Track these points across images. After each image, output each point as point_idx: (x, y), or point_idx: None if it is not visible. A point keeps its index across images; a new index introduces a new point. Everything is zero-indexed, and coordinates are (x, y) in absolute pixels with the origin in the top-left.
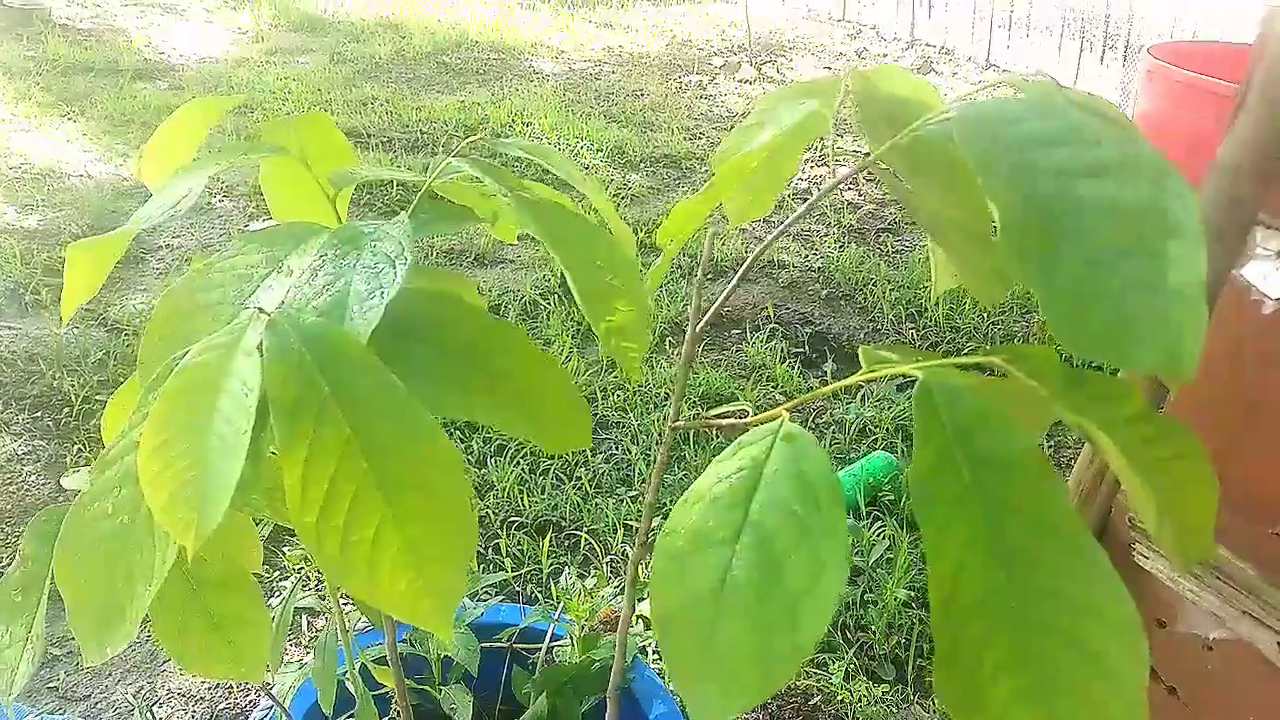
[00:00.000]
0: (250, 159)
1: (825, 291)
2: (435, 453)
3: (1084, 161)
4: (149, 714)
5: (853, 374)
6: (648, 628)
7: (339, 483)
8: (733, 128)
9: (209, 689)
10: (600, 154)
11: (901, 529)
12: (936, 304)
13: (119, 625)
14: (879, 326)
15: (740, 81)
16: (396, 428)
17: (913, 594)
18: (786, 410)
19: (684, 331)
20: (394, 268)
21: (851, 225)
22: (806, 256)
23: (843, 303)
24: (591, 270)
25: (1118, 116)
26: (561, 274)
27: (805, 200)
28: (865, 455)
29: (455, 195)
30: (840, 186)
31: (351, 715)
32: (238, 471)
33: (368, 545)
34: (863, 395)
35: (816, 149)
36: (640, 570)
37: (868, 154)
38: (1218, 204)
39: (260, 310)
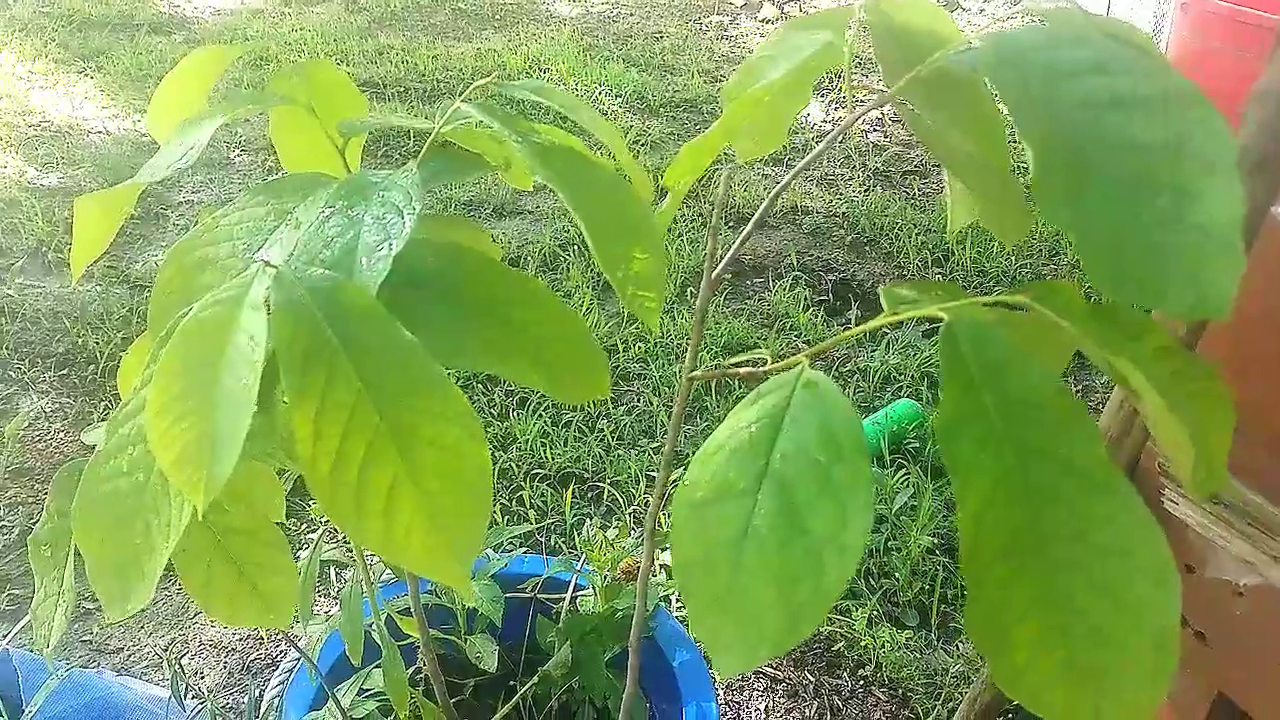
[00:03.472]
0: (257, 108)
1: (850, 237)
2: (448, 405)
3: (1114, 93)
4: (177, 666)
5: (890, 315)
6: (669, 577)
7: (351, 437)
8: None
9: (240, 640)
10: (619, 99)
11: (925, 476)
12: (964, 248)
13: (139, 582)
14: (905, 272)
15: (762, 21)
16: (408, 381)
17: (936, 541)
18: (807, 358)
19: (717, 277)
20: (402, 218)
21: (877, 168)
22: (831, 202)
23: (868, 248)
24: (606, 217)
25: (1148, 45)
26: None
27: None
28: (890, 403)
29: (468, 142)
30: (866, 129)
31: (378, 665)
32: (245, 426)
33: (382, 499)
34: (887, 342)
35: (840, 89)
36: (660, 521)
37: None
38: (1258, 136)
39: (267, 264)
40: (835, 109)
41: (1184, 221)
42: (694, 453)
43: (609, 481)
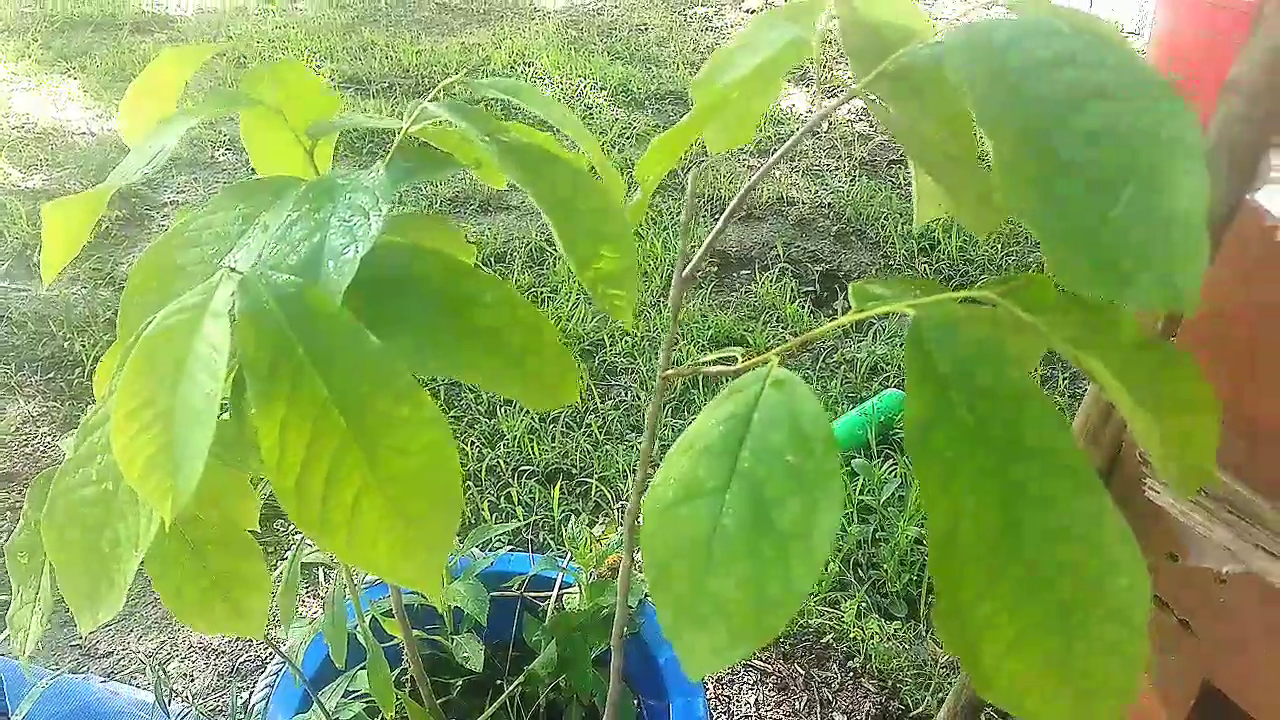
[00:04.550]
0: (226, 110)
1: (836, 228)
2: (416, 412)
3: (1080, 86)
4: (161, 672)
5: (858, 312)
6: None
7: (317, 445)
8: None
9: (229, 643)
10: (604, 92)
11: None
12: (950, 237)
13: (109, 592)
14: (891, 262)
15: (747, 12)
16: (376, 387)
17: (924, 531)
18: (777, 355)
19: (690, 275)
20: (369, 220)
21: (862, 158)
22: (816, 192)
23: (854, 239)
24: (575, 216)
25: (1114, 37)
26: None
27: (814, 133)
28: (877, 393)
29: (439, 141)
30: (851, 118)
31: (364, 667)
32: (208, 437)
33: (348, 507)
34: (874, 332)
35: (826, 77)
36: (639, 519)
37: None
38: (1232, 126)
39: (232, 270)
40: (820, 97)
41: (1151, 213)
42: None
43: (596, 477)
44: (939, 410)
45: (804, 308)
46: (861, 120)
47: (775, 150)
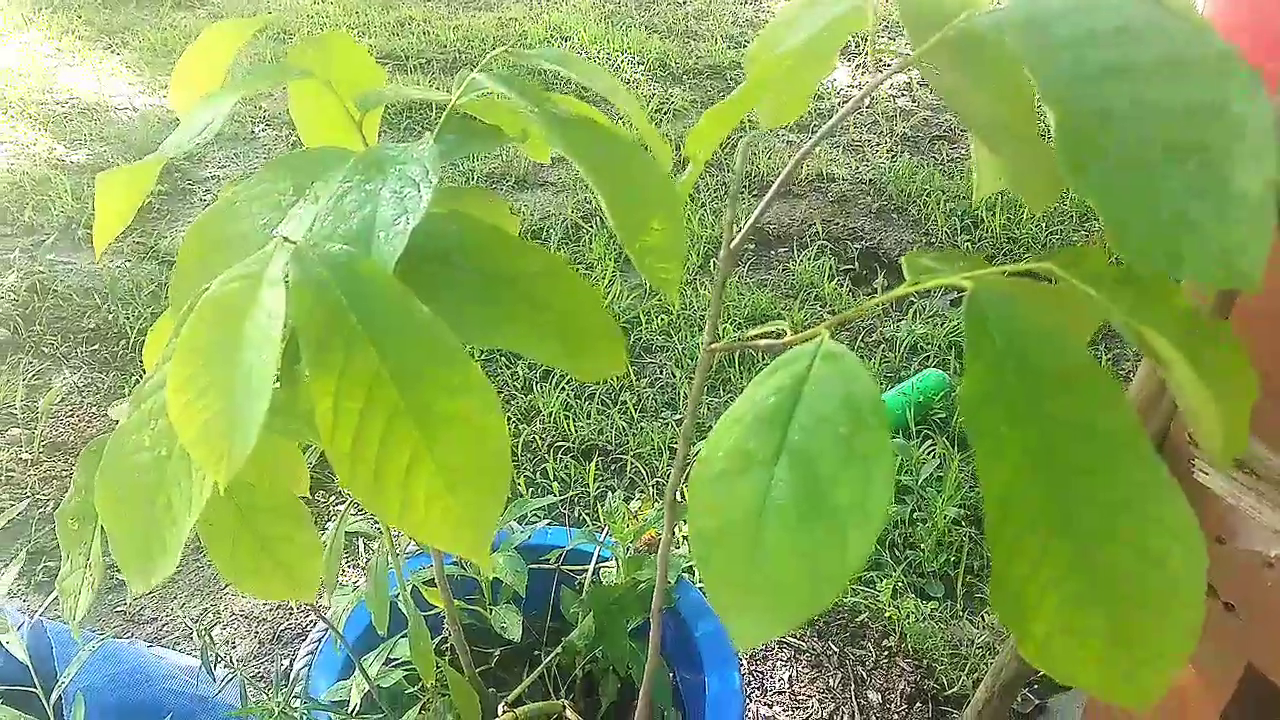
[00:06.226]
0: (276, 82)
1: (876, 204)
2: (466, 380)
3: (1145, 58)
4: (207, 636)
5: (912, 285)
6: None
7: (370, 413)
8: None
9: (271, 610)
10: (642, 67)
11: (952, 447)
12: (993, 215)
13: (161, 555)
14: (932, 240)
15: None
16: (427, 356)
17: (962, 512)
18: (827, 328)
19: (736, 247)
20: (419, 192)
21: (904, 134)
22: (857, 168)
23: (895, 216)
24: (624, 189)
25: (1182, 7)
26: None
27: (855, 108)
28: (916, 373)
29: (485, 114)
30: (893, 94)
31: (405, 635)
32: (265, 403)
33: (401, 474)
34: (914, 311)
35: (868, 52)
36: (681, 493)
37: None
38: None
39: (286, 239)
40: (863, 73)
41: (1215, 189)
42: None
43: (632, 454)
44: (994, 384)
45: (842, 286)
46: (904, 95)
47: (813, 125)
